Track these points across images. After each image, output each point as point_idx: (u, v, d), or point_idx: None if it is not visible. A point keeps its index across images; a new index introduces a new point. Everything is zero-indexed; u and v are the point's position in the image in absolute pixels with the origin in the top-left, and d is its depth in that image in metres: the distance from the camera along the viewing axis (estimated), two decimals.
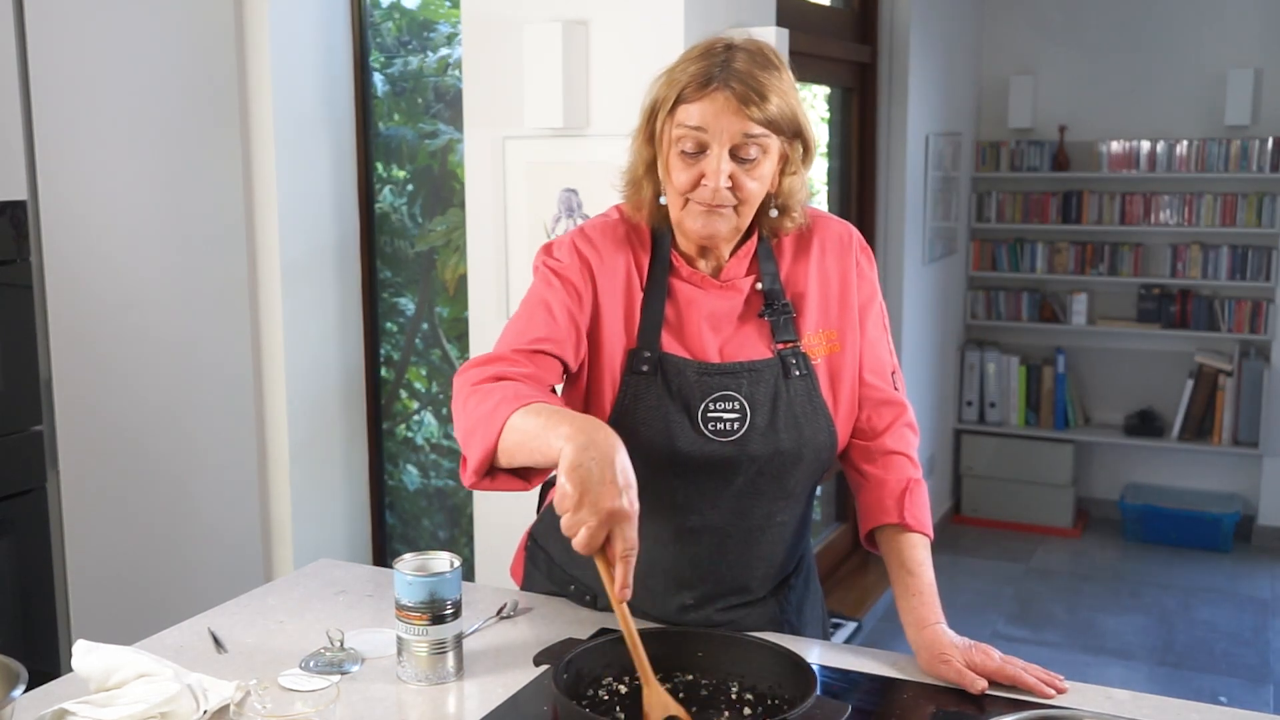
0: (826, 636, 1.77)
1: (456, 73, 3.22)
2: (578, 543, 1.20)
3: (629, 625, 1.28)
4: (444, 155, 3.29)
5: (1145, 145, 5.22)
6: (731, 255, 1.56)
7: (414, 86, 3.32)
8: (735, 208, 1.47)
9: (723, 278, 1.56)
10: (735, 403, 1.52)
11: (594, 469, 1.20)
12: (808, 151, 1.52)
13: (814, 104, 4.65)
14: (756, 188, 1.47)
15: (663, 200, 1.52)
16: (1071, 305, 5.42)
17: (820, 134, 4.64)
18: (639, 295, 1.55)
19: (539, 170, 2.74)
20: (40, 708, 1.32)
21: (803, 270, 1.58)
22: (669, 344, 1.54)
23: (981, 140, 5.51)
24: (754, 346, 1.55)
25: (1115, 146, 5.27)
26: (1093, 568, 4.92)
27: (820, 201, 4.63)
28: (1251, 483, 5.18)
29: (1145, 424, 5.33)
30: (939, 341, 5.16)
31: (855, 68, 4.32)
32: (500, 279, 2.83)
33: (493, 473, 1.39)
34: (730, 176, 1.44)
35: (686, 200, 1.48)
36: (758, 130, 1.43)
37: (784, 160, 1.50)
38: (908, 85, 4.42)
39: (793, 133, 1.48)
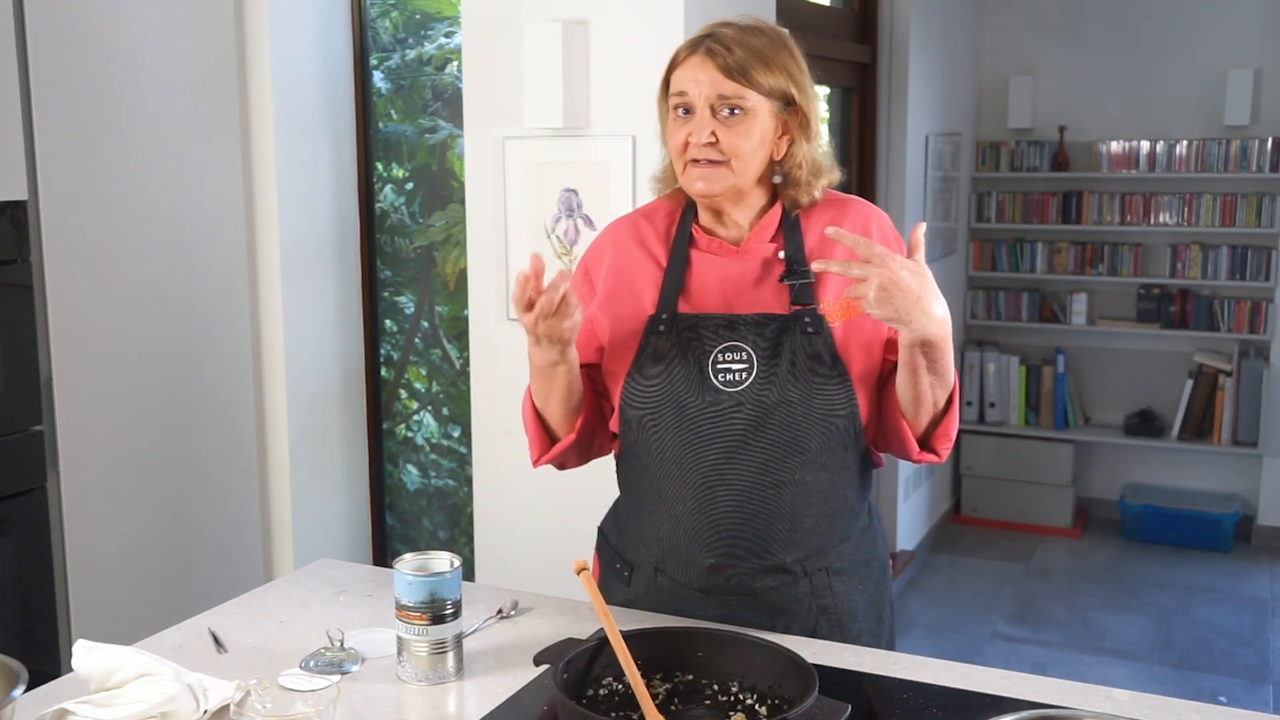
0: (890, 646, 1.73)
1: (455, 66, 3.22)
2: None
3: (613, 628, 1.33)
4: (442, 151, 3.29)
5: (1145, 145, 5.22)
6: (754, 225, 1.63)
7: (412, 84, 3.32)
8: (728, 164, 1.56)
9: (742, 246, 1.63)
10: (743, 353, 1.58)
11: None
12: (806, 121, 1.59)
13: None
14: (745, 145, 1.56)
15: None
16: (1071, 305, 5.42)
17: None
18: (660, 271, 1.65)
19: (539, 170, 2.74)
20: (40, 708, 1.32)
21: (830, 245, 1.61)
22: (684, 306, 1.63)
23: (981, 140, 5.51)
24: (767, 305, 1.60)
25: (1115, 146, 5.27)
26: (1092, 568, 4.92)
27: None
28: (1251, 483, 5.18)
29: (1145, 424, 5.33)
30: None
31: (855, 68, 4.32)
32: (500, 280, 2.83)
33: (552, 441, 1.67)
34: (713, 133, 1.54)
35: (685, 164, 1.58)
36: (731, 88, 1.54)
37: (784, 128, 1.59)
38: (908, 85, 4.42)
39: (782, 99, 1.57)
